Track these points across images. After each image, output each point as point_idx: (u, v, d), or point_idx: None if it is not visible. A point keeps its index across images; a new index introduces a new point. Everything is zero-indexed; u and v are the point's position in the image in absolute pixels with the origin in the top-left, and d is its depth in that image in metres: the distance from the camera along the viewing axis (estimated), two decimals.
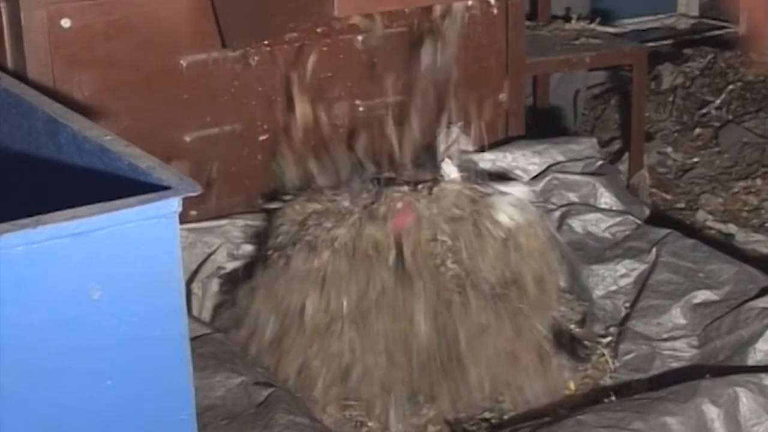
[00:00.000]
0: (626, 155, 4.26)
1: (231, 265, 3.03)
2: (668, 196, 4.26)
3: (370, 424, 2.65)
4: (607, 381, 2.70)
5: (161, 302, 1.74)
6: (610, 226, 3.18)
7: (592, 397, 2.61)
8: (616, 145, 4.51)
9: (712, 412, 2.39)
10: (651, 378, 2.69)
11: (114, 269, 1.70)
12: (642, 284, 2.95)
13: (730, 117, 4.76)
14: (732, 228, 3.96)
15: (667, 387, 2.47)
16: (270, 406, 2.40)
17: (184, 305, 1.78)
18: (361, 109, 3.34)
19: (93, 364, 1.70)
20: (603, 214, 3.21)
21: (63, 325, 1.68)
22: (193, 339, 2.48)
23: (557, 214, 3.21)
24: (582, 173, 3.35)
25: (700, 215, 4.10)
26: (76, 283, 1.68)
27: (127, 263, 1.70)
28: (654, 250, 3.01)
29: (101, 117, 2.93)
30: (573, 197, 3.28)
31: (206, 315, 2.93)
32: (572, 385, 2.71)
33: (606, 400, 2.51)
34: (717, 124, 4.73)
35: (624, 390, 2.64)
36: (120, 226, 1.68)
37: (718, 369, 2.62)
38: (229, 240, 3.07)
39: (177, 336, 1.77)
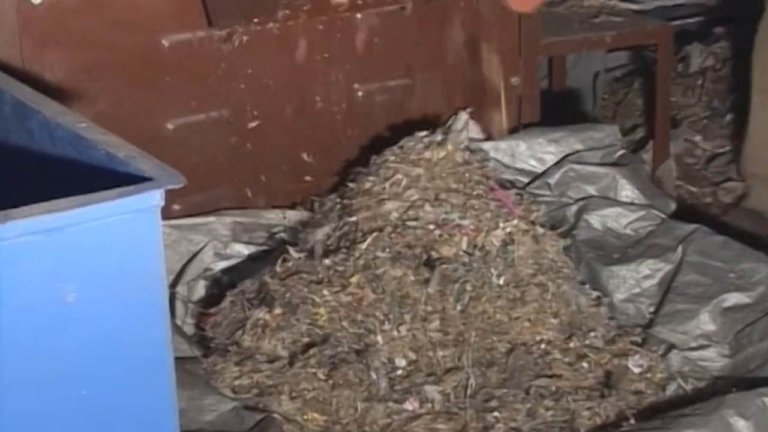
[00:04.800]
0: (650, 144, 4.25)
1: (219, 266, 3.03)
2: (695, 189, 4.26)
3: None
4: (630, 397, 2.69)
5: (142, 304, 1.75)
6: (632, 222, 3.19)
7: (614, 417, 2.60)
8: (640, 133, 4.51)
9: (740, 424, 2.40)
10: (676, 392, 2.70)
11: (91, 269, 1.71)
12: (667, 286, 2.96)
13: None
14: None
15: (692, 403, 2.49)
16: (263, 429, 2.43)
17: (166, 307, 1.79)
18: (360, 93, 3.35)
19: (68, 373, 1.72)
20: (624, 209, 3.21)
21: (35, 330, 1.69)
22: (181, 358, 2.52)
23: (574, 208, 3.21)
24: (601, 164, 3.36)
25: None
26: (50, 284, 1.69)
27: (104, 262, 1.71)
28: (680, 248, 3.02)
29: (75, 101, 2.94)
30: (591, 190, 3.29)
31: (191, 320, 2.93)
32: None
33: (624, 423, 2.51)
34: None
35: (647, 407, 2.64)
36: (97, 221, 1.69)
37: (748, 380, 2.63)
38: (216, 238, 3.08)
39: (159, 341, 1.78)
